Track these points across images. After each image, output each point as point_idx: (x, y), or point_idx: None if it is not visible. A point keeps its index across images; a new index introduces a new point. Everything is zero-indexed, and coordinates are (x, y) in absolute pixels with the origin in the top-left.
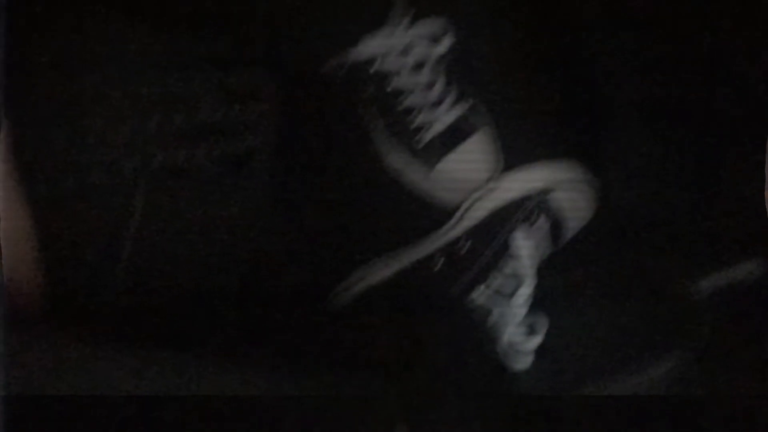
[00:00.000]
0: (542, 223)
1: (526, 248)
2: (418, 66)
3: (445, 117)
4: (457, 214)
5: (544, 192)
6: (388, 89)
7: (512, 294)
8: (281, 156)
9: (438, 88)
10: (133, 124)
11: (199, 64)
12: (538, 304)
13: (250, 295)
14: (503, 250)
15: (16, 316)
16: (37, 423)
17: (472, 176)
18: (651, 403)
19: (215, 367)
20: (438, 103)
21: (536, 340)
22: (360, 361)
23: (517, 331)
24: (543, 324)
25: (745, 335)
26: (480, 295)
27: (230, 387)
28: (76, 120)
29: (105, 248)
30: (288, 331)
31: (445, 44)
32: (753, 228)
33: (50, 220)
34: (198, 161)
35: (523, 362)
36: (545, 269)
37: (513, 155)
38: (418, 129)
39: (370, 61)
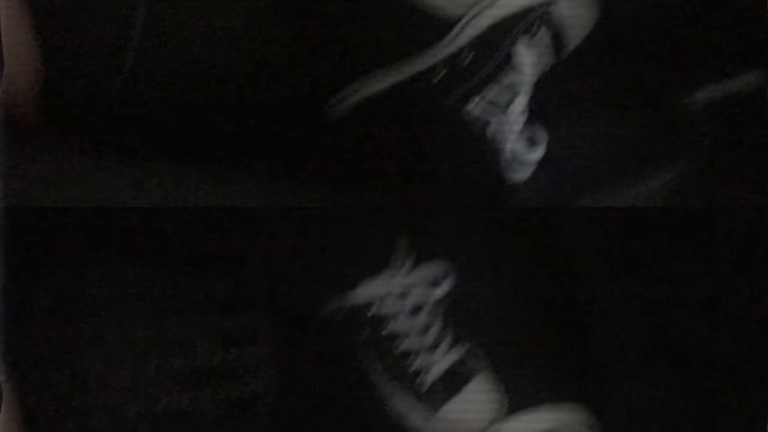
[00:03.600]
0: (543, 34)
1: (527, 59)
2: (416, 309)
3: (442, 361)
4: (459, 26)
5: (546, 3)
6: (384, 333)
7: (508, 105)
8: (283, 398)
9: (433, 331)
10: (132, 368)
11: (197, 308)
12: (536, 115)
13: (248, 105)
14: (505, 62)
15: (17, 128)
16: (36, 235)
17: (475, 424)
18: (649, 214)
19: (214, 178)
20: (435, 346)
21: (538, 152)
22: (360, 172)
23: (519, 143)
24: (543, 136)
25: (745, 148)
26: (475, 107)
27: (229, 198)
28: (76, 364)
29: None
30: (286, 142)
31: (444, 288)
32: (752, 39)
33: None
34: (202, 405)
35: (523, 174)
36: (543, 81)
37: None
38: (417, 373)
39: (367, 305)
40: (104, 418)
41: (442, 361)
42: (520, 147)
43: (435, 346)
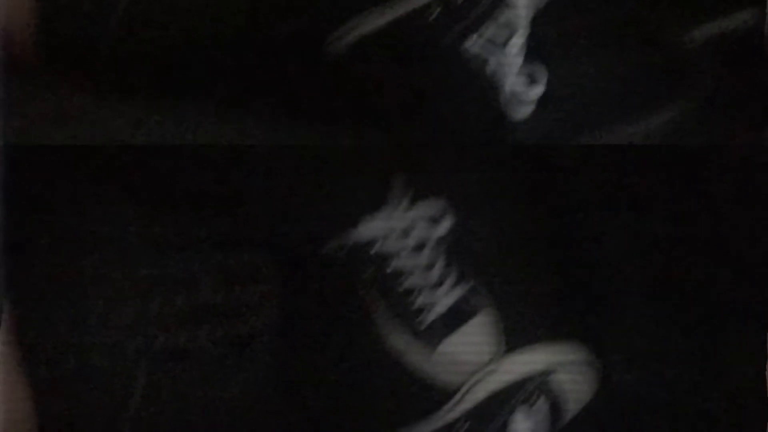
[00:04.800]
0: (542, 403)
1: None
2: (419, 247)
3: (446, 298)
4: (458, 396)
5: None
6: (388, 270)
7: (506, 42)
8: (283, 336)
9: (437, 269)
10: (134, 306)
11: (199, 246)
12: (534, 53)
13: (246, 42)
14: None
15: (16, 67)
16: (36, 173)
17: (474, 358)
18: (648, 152)
19: (214, 116)
20: (438, 284)
21: (538, 90)
22: (359, 110)
23: (518, 80)
24: (542, 73)
25: (743, 85)
26: (473, 45)
27: (228, 136)
28: (76, 301)
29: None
30: (285, 80)
31: (445, 225)
32: None
33: (50, 402)
34: (201, 343)
35: (523, 112)
36: (540, 18)
37: (515, 337)
38: (420, 310)
39: (370, 243)
40: (104, 356)
41: (445, 299)
42: (519, 85)
43: (439, 283)
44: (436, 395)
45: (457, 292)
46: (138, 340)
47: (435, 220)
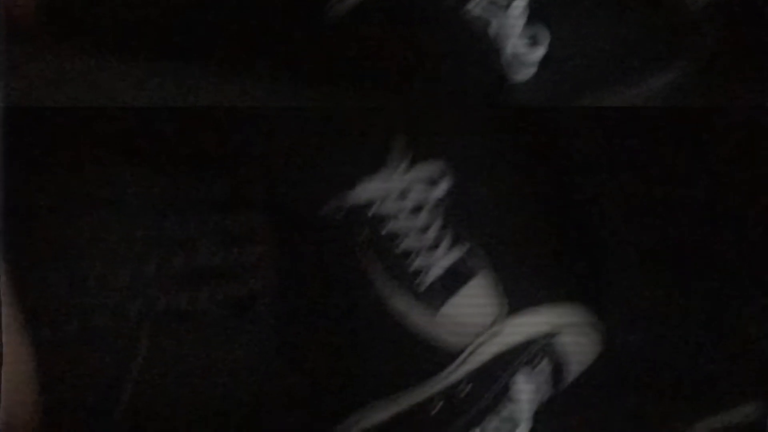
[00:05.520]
0: (545, 365)
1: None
2: (416, 209)
3: (443, 260)
4: (460, 358)
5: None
6: (383, 232)
7: (509, 4)
8: (283, 298)
9: (433, 231)
10: (132, 268)
11: (196, 207)
12: (537, 15)
13: (248, 4)
14: (503, 393)
15: (17, 29)
16: (36, 134)
17: (477, 320)
18: (649, 114)
19: (214, 78)
20: (434, 246)
21: (539, 51)
22: (359, 72)
23: (520, 42)
24: (545, 35)
25: (745, 47)
26: (476, 6)
27: (229, 98)
28: (76, 263)
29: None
30: (286, 42)
31: (443, 187)
32: None
33: (52, 364)
34: (202, 305)
35: (524, 74)
36: None
37: (517, 298)
38: (417, 272)
39: (368, 205)
40: (105, 318)
41: (442, 261)
42: (521, 46)
43: (435, 245)
44: (439, 357)
45: (454, 255)
46: (139, 302)
47: (433, 182)
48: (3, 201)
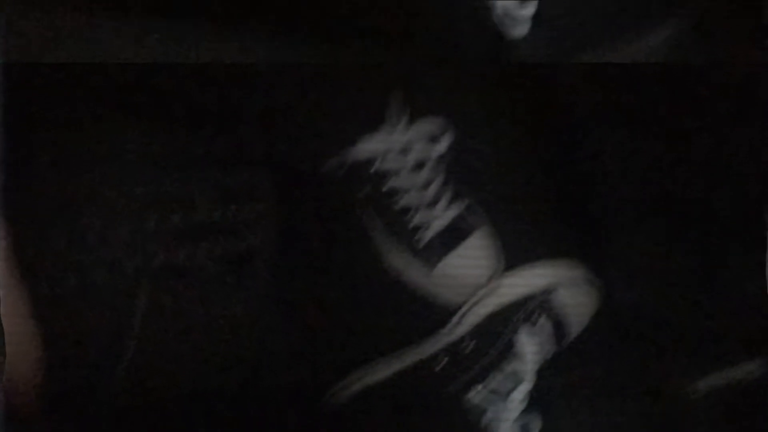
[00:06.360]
0: (544, 322)
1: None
2: (418, 166)
3: (442, 216)
4: (459, 314)
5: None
6: (384, 189)
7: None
8: (282, 255)
9: (433, 188)
10: (131, 224)
11: (196, 164)
12: None
13: (249, 392)
14: (508, 350)
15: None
16: (35, 91)
17: (473, 277)
18: (648, 70)
19: (213, 34)
20: (434, 202)
21: (530, 8)
22: (358, 28)
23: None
24: None
25: (743, 3)
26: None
27: (228, 54)
28: (74, 219)
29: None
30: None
31: (444, 144)
32: None
33: (52, 320)
34: (200, 261)
35: (519, 30)
36: None
37: (514, 254)
38: (416, 229)
39: (369, 161)
40: (104, 274)
41: (441, 217)
42: (511, 2)
43: (435, 201)
44: (437, 314)
45: (454, 211)
46: (137, 258)
47: (434, 139)
48: (2, 157)
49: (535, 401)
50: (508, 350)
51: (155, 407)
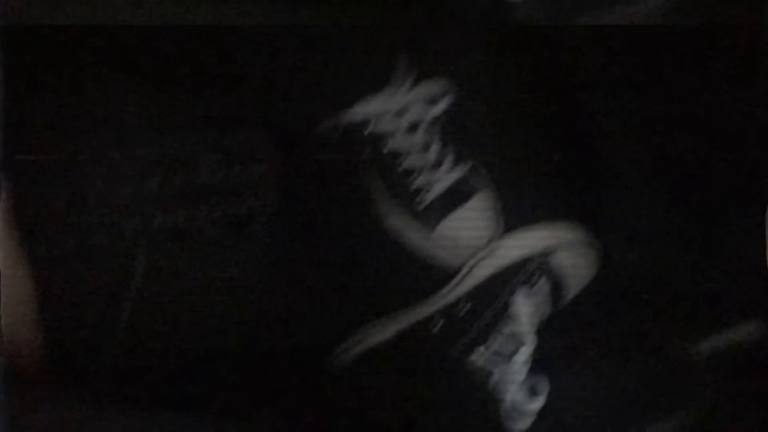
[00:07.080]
0: (543, 284)
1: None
2: (413, 127)
3: (445, 179)
4: (458, 276)
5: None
6: (385, 150)
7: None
8: (281, 217)
9: (435, 149)
10: (132, 186)
11: (197, 125)
12: None
13: (248, 354)
14: (503, 311)
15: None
16: (36, 52)
17: (473, 239)
18: (649, 32)
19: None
20: (437, 164)
21: None
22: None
23: None
24: None
25: None
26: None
27: (229, 16)
28: (75, 181)
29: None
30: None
31: (442, 106)
32: None
33: (51, 282)
34: (199, 222)
35: None
36: None
37: (513, 217)
38: (418, 190)
39: (364, 123)
40: (103, 236)
41: (444, 179)
42: None
43: (438, 164)
44: (436, 276)
45: (457, 173)
46: (136, 220)
47: (432, 101)
48: (3, 119)
49: (539, 363)
50: (503, 312)
51: (154, 368)
